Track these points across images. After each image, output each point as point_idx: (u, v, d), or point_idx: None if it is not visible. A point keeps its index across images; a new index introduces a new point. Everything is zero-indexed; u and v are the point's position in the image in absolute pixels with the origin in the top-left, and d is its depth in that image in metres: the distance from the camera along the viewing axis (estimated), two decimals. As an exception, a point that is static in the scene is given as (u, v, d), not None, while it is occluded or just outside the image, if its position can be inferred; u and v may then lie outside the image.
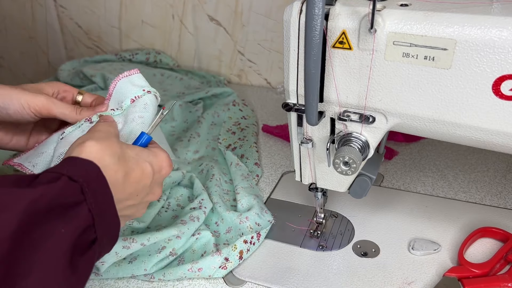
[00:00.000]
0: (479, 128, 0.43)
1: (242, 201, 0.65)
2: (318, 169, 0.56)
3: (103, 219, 0.37)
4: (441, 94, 0.42)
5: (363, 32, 0.42)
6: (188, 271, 0.55)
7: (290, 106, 0.50)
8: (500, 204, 0.66)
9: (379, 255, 0.59)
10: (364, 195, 0.56)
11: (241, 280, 0.57)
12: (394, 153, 0.79)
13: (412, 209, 0.66)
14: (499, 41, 0.38)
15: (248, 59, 1.06)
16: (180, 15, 1.07)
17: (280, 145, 0.85)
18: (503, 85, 0.39)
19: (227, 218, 0.63)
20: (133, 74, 0.52)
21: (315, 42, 0.40)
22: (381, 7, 0.42)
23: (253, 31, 1.02)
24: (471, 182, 0.71)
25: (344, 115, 0.48)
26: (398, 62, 0.42)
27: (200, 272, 0.55)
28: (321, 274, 0.57)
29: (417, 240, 0.60)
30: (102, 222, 0.37)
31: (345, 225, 0.64)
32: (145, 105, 0.51)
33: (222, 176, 0.72)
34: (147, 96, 0.51)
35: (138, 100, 0.51)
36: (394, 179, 0.73)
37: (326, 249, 0.61)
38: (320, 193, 0.60)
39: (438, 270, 0.56)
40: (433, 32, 0.40)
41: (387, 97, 0.45)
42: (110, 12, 1.12)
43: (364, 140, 0.49)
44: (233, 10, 1.01)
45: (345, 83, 0.46)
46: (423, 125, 0.45)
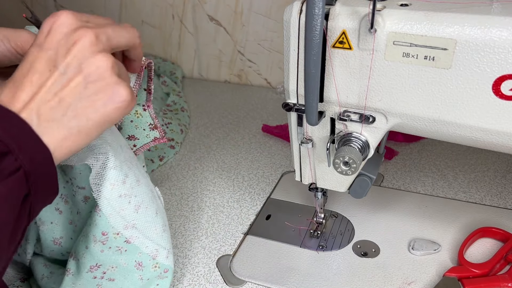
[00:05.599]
0: (479, 128, 0.43)
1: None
2: (318, 169, 0.56)
3: (21, 144, 0.34)
4: (441, 94, 0.42)
5: (363, 32, 0.42)
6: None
7: (290, 106, 0.50)
8: (500, 204, 0.66)
9: (379, 255, 0.59)
10: (364, 195, 0.56)
11: (241, 280, 0.57)
12: (394, 153, 0.79)
13: (412, 209, 0.66)
14: (499, 41, 0.38)
15: (248, 59, 1.06)
16: (180, 15, 1.07)
17: (280, 145, 0.85)
18: (503, 85, 0.39)
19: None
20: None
21: (315, 42, 0.40)
22: (381, 7, 0.42)
23: (253, 31, 1.02)
24: (471, 182, 0.71)
25: (344, 115, 0.48)
26: (398, 62, 0.42)
27: None
28: (321, 274, 0.57)
29: (417, 240, 0.60)
30: (21, 147, 0.33)
31: (345, 225, 0.64)
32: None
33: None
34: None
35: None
36: (394, 179, 0.73)
37: (326, 249, 0.61)
38: (320, 193, 0.60)
39: (438, 270, 0.56)
40: (433, 32, 0.40)
41: (387, 97, 0.45)
42: (110, 12, 1.12)
43: (364, 140, 0.49)
44: (233, 10, 1.01)
45: (345, 83, 0.46)
46: (423, 125, 0.45)
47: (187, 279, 0.58)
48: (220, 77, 1.12)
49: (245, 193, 0.73)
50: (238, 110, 0.99)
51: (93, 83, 0.36)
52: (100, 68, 0.36)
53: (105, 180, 0.46)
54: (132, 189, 0.48)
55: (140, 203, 0.49)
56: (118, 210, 0.47)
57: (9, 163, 0.33)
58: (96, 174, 0.46)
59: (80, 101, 0.36)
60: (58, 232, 0.54)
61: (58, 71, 0.36)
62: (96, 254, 0.49)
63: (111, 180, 0.46)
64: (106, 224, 0.47)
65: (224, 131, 0.91)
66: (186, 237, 0.65)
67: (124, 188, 0.47)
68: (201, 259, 0.61)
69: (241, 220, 0.67)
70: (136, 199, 0.48)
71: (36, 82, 0.36)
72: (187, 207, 0.71)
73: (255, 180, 0.76)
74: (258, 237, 0.63)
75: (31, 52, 0.37)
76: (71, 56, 0.36)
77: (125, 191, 0.47)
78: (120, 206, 0.47)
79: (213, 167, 0.80)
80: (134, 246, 0.49)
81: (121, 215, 0.48)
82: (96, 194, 0.46)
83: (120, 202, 0.47)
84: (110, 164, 0.46)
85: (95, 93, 0.37)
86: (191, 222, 0.68)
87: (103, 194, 0.46)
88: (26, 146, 0.34)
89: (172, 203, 0.72)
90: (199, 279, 0.58)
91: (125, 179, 0.47)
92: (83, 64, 0.36)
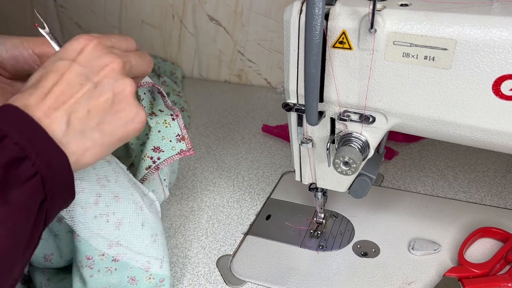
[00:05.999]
0: (479, 128, 0.43)
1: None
2: (318, 169, 0.56)
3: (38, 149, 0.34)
4: (441, 94, 0.42)
5: (363, 32, 0.42)
6: None
7: (290, 106, 0.50)
8: (500, 204, 0.66)
9: (379, 255, 0.59)
10: (364, 195, 0.56)
11: (241, 280, 0.57)
12: (394, 153, 0.79)
13: (412, 209, 0.66)
14: (499, 41, 0.38)
15: (248, 59, 1.06)
16: (180, 15, 1.07)
17: (280, 145, 0.85)
18: (503, 85, 0.39)
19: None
20: None
21: (315, 42, 0.40)
22: (381, 7, 0.42)
23: (253, 31, 1.02)
24: (471, 182, 0.71)
25: (344, 115, 0.48)
26: (398, 62, 0.42)
27: None
28: (321, 274, 0.57)
29: (417, 240, 0.60)
30: (39, 152, 0.34)
31: (345, 225, 0.64)
32: None
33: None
34: None
35: None
36: (394, 179, 0.73)
37: (326, 249, 0.61)
38: (320, 193, 0.60)
39: (438, 270, 0.56)
40: (433, 32, 0.40)
41: (387, 97, 0.45)
42: (110, 12, 1.12)
43: (364, 140, 0.49)
44: (233, 10, 1.01)
45: (345, 83, 0.46)
46: (423, 125, 0.45)
47: (187, 279, 0.58)
48: (220, 77, 1.12)
49: (245, 193, 0.73)
50: (238, 110, 0.99)
51: (119, 103, 0.39)
52: (126, 91, 0.40)
53: (74, 205, 0.45)
54: (107, 207, 0.47)
55: (121, 219, 0.48)
56: (97, 231, 0.46)
57: (26, 168, 0.34)
58: None
59: (106, 116, 0.39)
60: (48, 248, 0.53)
61: (89, 85, 0.38)
62: (87, 280, 0.48)
63: (81, 204, 0.45)
64: (89, 248, 0.46)
65: (224, 131, 0.91)
66: (186, 237, 0.65)
67: (97, 208, 0.46)
68: (201, 259, 0.61)
69: (241, 220, 0.67)
70: (115, 216, 0.47)
71: (67, 92, 0.37)
72: (187, 207, 0.71)
73: (255, 180, 0.76)
74: (258, 237, 0.63)
75: (61, 64, 0.38)
76: (103, 75, 0.39)
77: (100, 211, 0.46)
78: (98, 227, 0.46)
79: (213, 167, 0.80)
80: (123, 263, 0.48)
81: (102, 235, 0.47)
82: (70, 221, 0.45)
83: (97, 223, 0.46)
84: (75, 188, 0.44)
85: (120, 112, 0.39)
86: (191, 222, 0.68)
87: (77, 219, 0.45)
88: (43, 151, 0.35)
89: (172, 203, 0.72)
90: (199, 279, 0.58)
91: (98, 199, 0.46)
92: (112, 84, 0.39)
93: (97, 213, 0.46)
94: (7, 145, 0.33)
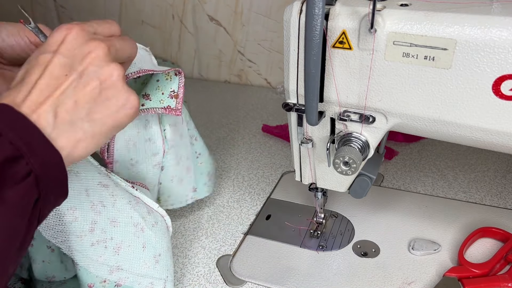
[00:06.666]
0: (479, 128, 0.43)
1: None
2: (318, 169, 0.56)
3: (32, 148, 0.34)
4: (441, 94, 0.42)
5: (363, 32, 0.42)
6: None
7: (290, 106, 0.50)
8: (500, 204, 0.66)
9: (379, 255, 0.59)
10: (364, 195, 0.56)
11: (241, 280, 0.57)
12: (394, 153, 0.79)
13: (412, 209, 0.66)
14: (499, 41, 0.38)
15: (248, 59, 1.06)
16: (180, 15, 1.07)
17: (280, 145, 0.85)
18: (503, 85, 0.39)
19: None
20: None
21: (315, 42, 0.40)
22: (381, 7, 0.42)
23: (253, 31, 1.02)
24: (471, 182, 0.71)
25: (344, 115, 0.48)
26: (398, 62, 0.42)
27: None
28: (321, 274, 0.57)
29: (417, 240, 0.60)
30: (32, 150, 0.34)
31: (345, 225, 0.64)
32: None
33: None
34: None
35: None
36: (394, 179, 0.73)
37: (326, 249, 0.61)
38: (320, 193, 0.60)
39: (438, 270, 0.56)
40: (433, 32, 0.40)
41: (387, 97, 0.45)
42: (110, 12, 1.12)
43: (364, 140, 0.49)
44: (233, 10, 1.01)
45: (345, 83, 0.46)
46: (423, 125, 0.45)
47: (187, 279, 0.58)
48: (220, 77, 1.12)
49: (245, 193, 0.73)
50: (238, 110, 0.98)
51: (106, 90, 0.38)
52: (114, 76, 0.38)
53: (69, 235, 0.44)
54: (104, 233, 0.46)
55: (120, 243, 0.47)
56: (96, 258, 0.45)
57: (21, 167, 0.33)
58: (56, 233, 0.44)
59: (95, 105, 0.38)
60: (51, 271, 0.52)
61: (74, 76, 0.37)
62: None
63: (76, 233, 0.44)
64: (89, 275, 0.46)
65: (224, 131, 0.91)
66: (186, 237, 0.65)
67: (94, 235, 0.45)
68: (201, 259, 0.61)
69: (241, 220, 0.67)
70: (113, 241, 0.47)
71: (52, 85, 0.37)
72: (187, 207, 0.71)
73: (255, 180, 0.76)
74: (258, 237, 0.63)
75: (43, 57, 0.37)
76: (87, 63, 0.38)
77: (96, 238, 0.45)
78: (96, 254, 0.45)
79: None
80: (126, 287, 0.48)
81: (101, 262, 0.46)
82: (67, 250, 0.44)
83: (95, 250, 0.45)
84: (68, 218, 0.44)
85: (109, 99, 0.38)
86: (191, 222, 0.68)
87: (73, 248, 0.44)
88: (37, 150, 0.34)
89: (172, 203, 0.72)
90: (199, 279, 0.58)
91: (93, 226, 0.45)
92: (98, 71, 0.38)
93: (94, 240, 0.45)
94: (2, 144, 0.33)
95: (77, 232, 0.44)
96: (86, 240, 0.45)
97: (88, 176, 0.47)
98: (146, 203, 0.52)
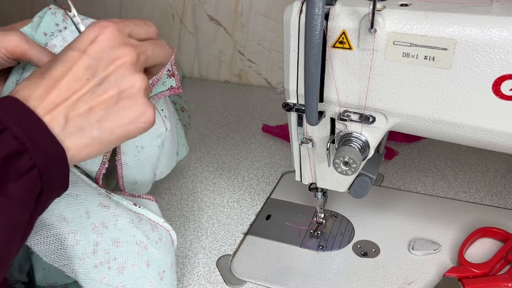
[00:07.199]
0: (479, 128, 0.43)
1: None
2: (318, 169, 0.56)
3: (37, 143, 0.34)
4: (441, 94, 0.42)
5: (363, 32, 0.42)
6: None
7: (290, 106, 0.50)
8: (500, 204, 0.66)
9: (379, 255, 0.59)
10: (364, 195, 0.56)
11: (241, 280, 0.57)
12: (394, 153, 0.79)
13: (412, 209, 0.66)
14: (499, 41, 0.38)
15: (248, 59, 1.06)
16: (180, 15, 1.07)
17: (280, 145, 0.85)
18: (503, 85, 0.39)
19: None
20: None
21: (315, 42, 0.40)
22: (381, 7, 0.42)
23: (253, 31, 1.02)
24: (471, 182, 0.71)
25: (344, 115, 0.48)
26: (398, 62, 0.42)
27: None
28: (321, 274, 0.57)
29: (417, 240, 0.60)
30: (36, 145, 0.34)
31: (345, 225, 0.64)
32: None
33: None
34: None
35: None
36: (394, 179, 0.73)
37: (326, 249, 0.61)
38: (320, 193, 0.60)
39: (438, 270, 0.56)
40: (433, 32, 0.40)
41: (387, 97, 0.45)
42: (110, 12, 1.12)
43: (364, 140, 0.49)
44: (233, 10, 1.01)
45: (345, 83, 0.46)
46: (423, 125, 0.45)
47: (187, 279, 0.58)
48: (220, 77, 1.12)
49: (245, 193, 0.73)
50: (238, 110, 0.99)
51: (124, 100, 0.37)
52: (135, 88, 0.38)
53: (71, 258, 0.44)
54: (107, 254, 0.46)
55: (123, 263, 0.47)
56: (100, 279, 0.45)
57: (25, 161, 0.34)
58: (58, 257, 0.44)
59: (108, 113, 0.37)
60: (52, 278, 0.52)
61: (95, 81, 0.37)
62: None
63: (78, 256, 0.44)
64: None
65: (224, 131, 0.91)
66: (186, 237, 0.65)
67: (96, 257, 0.45)
68: (201, 259, 0.61)
69: (241, 220, 0.67)
70: (117, 261, 0.46)
71: (72, 88, 0.36)
72: (187, 207, 0.71)
73: (255, 180, 0.76)
74: (258, 237, 0.63)
75: (71, 55, 0.37)
76: (111, 70, 0.37)
77: (99, 259, 0.45)
78: (100, 275, 0.45)
79: (213, 167, 0.80)
80: None
81: (105, 283, 0.46)
82: (70, 273, 0.44)
83: (98, 271, 0.45)
84: (69, 242, 0.43)
85: (124, 110, 0.38)
86: (191, 222, 0.68)
87: (77, 271, 0.44)
88: (42, 145, 0.35)
89: (172, 203, 0.72)
90: (199, 279, 0.58)
91: (95, 248, 0.45)
92: (120, 80, 0.37)
93: (97, 262, 0.45)
94: (7, 138, 0.33)
95: (79, 255, 0.44)
96: (89, 262, 0.45)
97: (88, 198, 0.47)
98: (150, 219, 0.52)
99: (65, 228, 0.43)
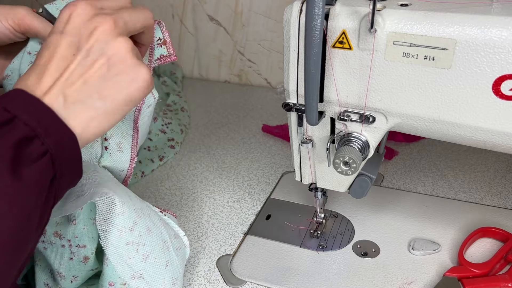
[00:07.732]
0: (479, 128, 0.43)
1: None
2: (318, 169, 0.56)
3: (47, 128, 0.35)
4: (441, 94, 0.42)
5: (363, 32, 0.42)
6: None
7: (290, 106, 0.50)
8: (500, 204, 0.66)
9: (379, 255, 0.59)
10: (364, 195, 0.56)
11: (241, 280, 0.57)
12: (394, 153, 0.79)
13: (412, 209, 0.66)
14: (499, 41, 0.38)
15: (248, 59, 1.06)
16: (180, 15, 1.07)
17: (280, 145, 0.85)
18: (503, 85, 0.39)
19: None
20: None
21: (315, 42, 0.40)
22: (381, 7, 0.42)
23: (253, 31, 1.02)
24: (471, 182, 0.71)
25: (344, 115, 0.48)
26: (398, 62, 0.42)
27: None
28: (321, 274, 0.57)
29: (417, 240, 0.60)
30: (47, 131, 0.35)
31: (345, 225, 0.64)
32: None
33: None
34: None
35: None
36: (394, 179, 0.73)
37: (326, 249, 0.61)
38: (320, 193, 0.60)
39: (438, 270, 0.56)
40: (433, 32, 0.40)
41: (387, 97, 0.45)
42: (110, 12, 1.13)
43: (364, 140, 0.49)
44: (233, 10, 1.01)
45: (345, 83, 0.46)
46: (423, 125, 0.45)
47: (187, 279, 0.58)
48: (220, 77, 1.12)
49: (245, 193, 0.73)
50: (238, 110, 0.99)
51: (115, 65, 0.38)
52: (121, 51, 0.38)
53: (112, 226, 0.45)
54: (140, 237, 0.47)
55: (149, 252, 0.48)
56: (126, 258, 0.46)
57: (36, 147, 0.34)
58: (103, 220, 0.45)
59: (105, 82, 0.38)
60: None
61: (81, 55, 0.37)
62: None
63: (118, 226, 0.45)
64: (113, 274, 0.46)
65: (224, 131, 0.91)
66: (186, 237, 0.65)
67: (131, 235, 0.46)
68: (201, 259, 0.61)
69: (241, 220, 0.67)
70: (145, 248, 0.47)
71: (61, 66, 0.37)
72: (187, 207, 0.71)
73: (255, 180, 0.76)
74: (258, 237, 0.63)
75: (52, 39, 0.38)
76: (93, 40, 0.38)
77: (133, 238, 0.46)
78: (127, 254, 0.46)
79: (213, 167, 0.80)
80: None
81: (128, 263, 0.46)
82: (104, 241, 0.45)
83: (128, 250, 0.46)
84: (117, 210, 0.45)
85: (118, 74, 0.38)
86: (191, 222, 0.68)
87: (110, 241, 0.45)
88: (52, 130, 0.35)
89: (172, 203, 0.72)
90: (199, 279, 0.58)
91: (133, 226, 0.46)
92: (104, 48, 0.38)
93: (130, 240, 0.46)
94: (17, 125, 0.34)
95: (119, 226, 0.45)
96: (124, 237, 0.46)
97: (127, 189, 0.51)
98: (173, 229, 0.54)
99: (116, 197, 0.45)
